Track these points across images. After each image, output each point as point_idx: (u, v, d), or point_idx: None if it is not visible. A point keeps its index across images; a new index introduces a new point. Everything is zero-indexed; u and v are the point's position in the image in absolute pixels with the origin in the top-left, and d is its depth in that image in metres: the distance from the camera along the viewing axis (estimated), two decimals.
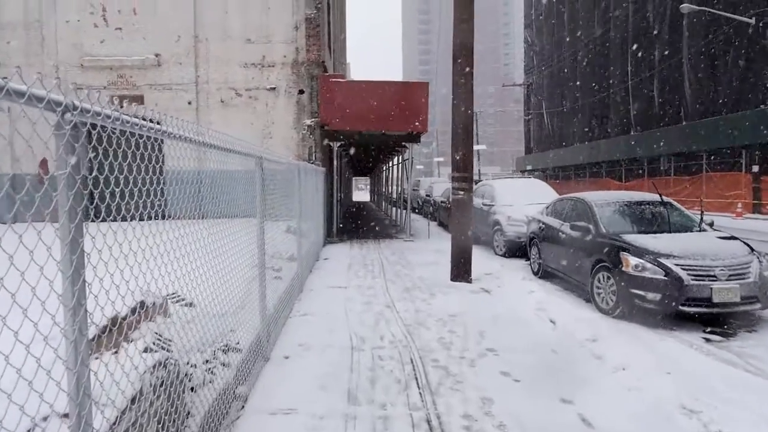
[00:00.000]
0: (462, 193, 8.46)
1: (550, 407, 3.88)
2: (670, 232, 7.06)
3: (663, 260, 6.20)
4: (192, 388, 3.37)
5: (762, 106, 20.71)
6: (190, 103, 15.49)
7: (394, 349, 5.22)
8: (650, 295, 6.14)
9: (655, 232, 7.05)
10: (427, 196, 23.87)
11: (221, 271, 3.91)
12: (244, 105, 15.63)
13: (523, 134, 61.51)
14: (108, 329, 3.03)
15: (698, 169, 24.66)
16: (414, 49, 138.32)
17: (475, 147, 52.57)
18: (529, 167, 46.58)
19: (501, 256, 11.95)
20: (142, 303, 3.73)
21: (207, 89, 15.59)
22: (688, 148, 24.48)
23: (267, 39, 15.44)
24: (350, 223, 20.39)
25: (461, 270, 8.48)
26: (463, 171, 8.46)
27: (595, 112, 35.35)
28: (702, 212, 7.46)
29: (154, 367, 2.67)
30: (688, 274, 6.02)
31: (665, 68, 27.20)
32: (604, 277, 6.85)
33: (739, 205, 20.54)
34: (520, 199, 12.44)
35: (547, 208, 9.58)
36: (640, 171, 29.77)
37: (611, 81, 32.76)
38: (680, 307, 6.02)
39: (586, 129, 36.59)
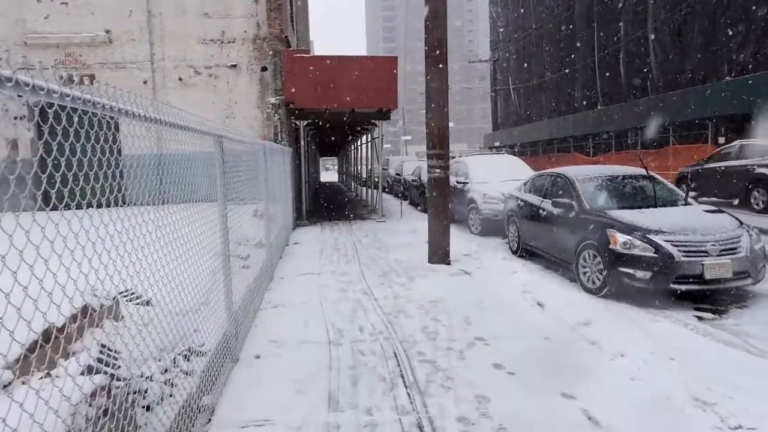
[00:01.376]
0: (438, 171, 8.05)
1: (552, 404, 3.54)
2: (655, 206, 6.80)
3: (652, 237, 5.92)
4: (147, 407, 2.89)
5: (728, 78, 20.82)
6: (145, 82, 14.63)
7: (375, 342, 4.81)
8: (640, 274, 5.87)
9: (640, 207, 6.77)
10: (397, 175, 23.44)
11: (182, 263, 3.42)
12: (203, 84, 14.84)
13: (489, 111, 61.46)
14: (39, 345, 2.52)
15: (665, 142, 24.82)
16: (378, 25, 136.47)
17: None
18: (497, 144, 46.48)
19: (477, 234, 11.65)
20: (85, 308, 3.21)
21: (164, 67, 14.74)
22: (655, 120, 24.58)
23: (226, 13, 14.64)
24: (320, 205, 19.84)
25: (439, 252, 8.11)
26: (439, 147, 8.03)
27: (562, 86, 35.28)
28: (688, 186, 7.22)
29: (92, 395, 2.19)
30: (679, 251, 5.76)
31: (631, 41, 27.16)
32: (589, 256, 6.56)
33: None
34: (494, 176, 12.12)
35: (525, 184, 9.26)
36: (608, 145, 29.89)
37: (577, 55, 32.65)
38: (671, 285, 5.78)
39: (554, 104, 36.55)
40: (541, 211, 8.04)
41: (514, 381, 3.94)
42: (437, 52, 7.75)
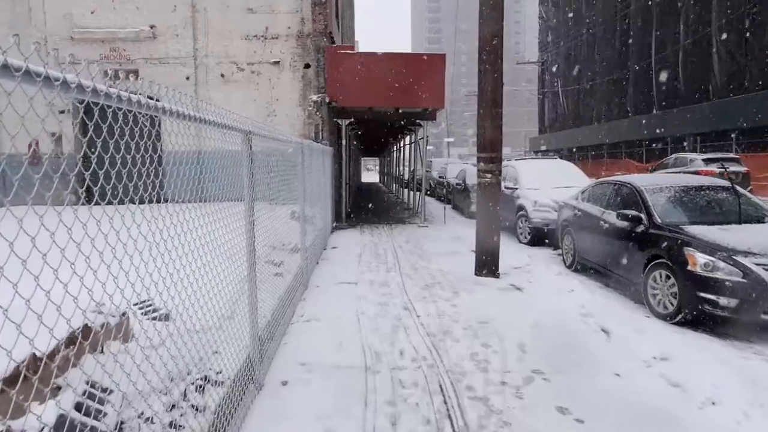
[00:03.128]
0: (489, 176, 7.40)
1: None
2: (739, 223, 5.98)
3: (740, 259, 5.13)
4: None
5: None
6: (188, 78, 14.44)
7: (418, 370, 4.22)
8: (724, 301, 5.09)
9: (721, 223, 5.96)
10: (440, 177, 22.77)
11: (209, 269, 3.01)
12: (245, 80, 14.56)
13: (534, 114, 59.92)
14: (22, 376, 2.05)
15: (728, 149, 23.34)
16: (423, 27, 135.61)
17: None
18: (543, 147, 45.16)
19: (525, 244, 10.91)
20: (86, 328, 2.74)
21: (206, 63, 14.53)
22: (716, 127, 23.14)
23: (270, 9, 14.31)
24: (360, 207, 19.36)
25: (487, 263, 7.46)
26: (491, 151, 7.38)
27: (614, 89, 33.86)
28: None
29: None
30: None
31: (691, 42, 25.71)
32: (661, 276, 5.80)
33: None
34: (546, 182, 11.35)
35: (582, 193, 8.50)
36: (662, 152, 28.42)
37: (632, 57, 31.23)
38: (762, 316, 4.98)
39: (604, 108, 35.13)
40: (602, 222, 7.28)
41: None
42: (492, 46, 7.11)
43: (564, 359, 4.44)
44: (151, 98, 2.11)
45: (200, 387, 3.12)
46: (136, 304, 4.19)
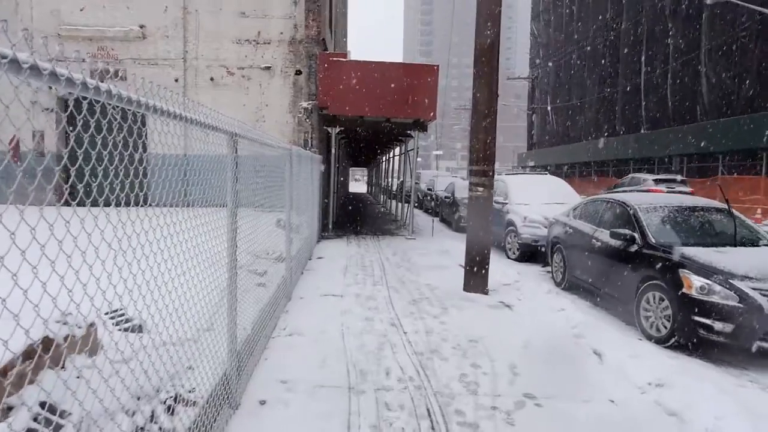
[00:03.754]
0: (481, 189, 7.25)
1: None
2: (734, 245, 5.87)
3: (737, 283, 5.01)
4: None
5: None
6: (177, 80, 14.21)
7: (405, 391, 4.01)
8: (719, 326, 4.96)
9: (715, 245, 5.85)
10: (428, 190, 22.66)
11: (189, 277, 2.83)
12: (235, 85, 14.36)
13: (522, 130, 60.27)
14: None
15: (713, 172, 23.52)
16: (415, 39, 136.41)
17: None
18: (531, 163, 45.33)
19: (514, 260, 10.77)
20: (46, 340, 2.51)
21: (196, 66, 14.31)
22: (704, 148, 23.32)
23: (263, 13, 14.15)
24: (347, 217, 19.15)
25: (477, 279, 7.28)
26: (484, 163, 7.23)
27: (604, 108, 34.12)
28: None
29: None
30: None
31: (680, 63, 25.97)
32: (654, 299, 5.66)
33: (759, 210, 19.39)
34: (536, 198, 11.24)
35: (574, 210, 8.38)
36: (650, 171, 28.58)
37: (622, 76, 31.51)
38: (759, 342, 4.85)
39: (593, 125, 35.36)
40: (594, 241, 7.15)
41: None
42: (488, 56, 6.99)
43: (556, 383, 4.26)
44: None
45: (170, 408, 2.89)
46: (107, 314, 3.95)
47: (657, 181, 19.39)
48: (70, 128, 1.80)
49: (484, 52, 7.06)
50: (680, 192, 16.96)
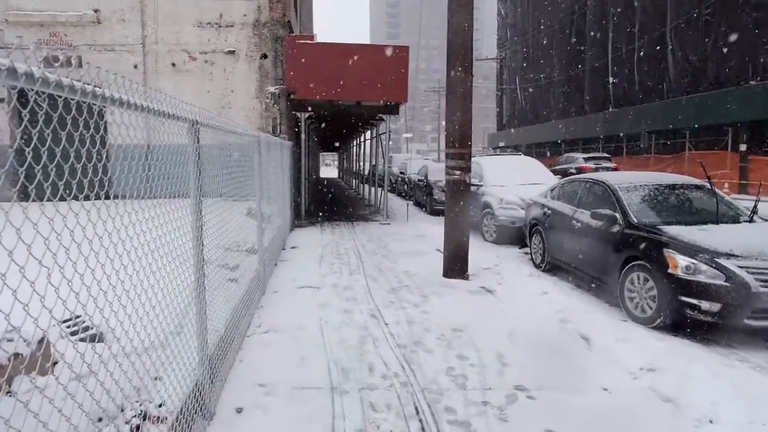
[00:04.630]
0: (458, 173, 7.04)
1: None
2: (716, 223, 5.80)
3: (722, 261, 4.92)
4: None
5: (751, 82, 19.85)
6: (136, 66, 13.59)
7: (390, 389, 3.80)
8: (706, 305, 4.87)
9: (697, 223, 5.77)
10: (401, 173, 22.44)
11: (152, 274, 2.57)
12: (198, 70, 13.82)
13: (491, 111, 60.37)
14: None
15: (681, 148, 23.86)
16: (382, 21, 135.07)
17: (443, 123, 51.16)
18: (501, 144, 45.46)
19: (491, 242, 10.65)
20: None
21: (156, 51, 13.71)
22: (671, 125, 23.61)
23: None
24: (320, 203, 18.81)
25: (457, 265, 7.11)
26: (460, 146, 7.02)
27: (572, 87, 34.28)
28: (758, 199, 6.20)
29: None
30: (756, 279, 4.77)
31: (647, 41, 26.14)
32: (639, 279, 5.56)
33: (726, 185, 19.76)
34: (511, 179, 11.13)
35: (552, 190, 8.26)
36: (618, 149, 28.89)
37: (589, 54, 31.64)
38: (746, 321, 4.78)
39: (562, 105, 35.54)
40: (574, 222, 7.04)
41: None
42: (462, 37, 6.74)
43: (547, 372, 4.11)
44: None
45: (137, 428, 2.61)
46: (64, 322, 3.62)
47: (587, 159, 22.71)
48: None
49: (457, 33, 6.80)
50: (605, 168, 20.35)
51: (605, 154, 24.49)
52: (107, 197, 2.16)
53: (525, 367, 4.19)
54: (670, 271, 5.13)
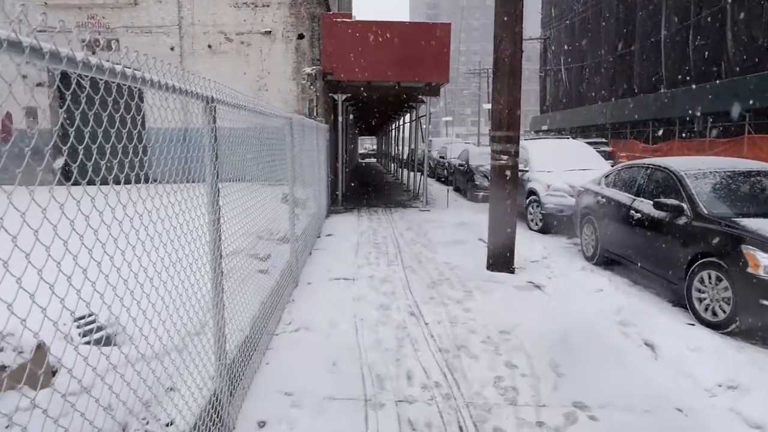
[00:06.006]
0: (505, 158, 6.50)
1: None
2: None
3: None
4: None
5: None
6: (173, 48, 13.45)
7: (431, 403, 3.38)
8: None
9: None
10: (441, 158, 21.86)
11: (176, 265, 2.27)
12: (235, 52, 13.57)
13: (534, 94, 58.61)
14: None
15: (739, 131, 22.41)
16: (421, 2, 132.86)
17: (485, 106, 49.69)
18: (544, 127, 44.05)
19: (537, 231, 10.06)
20: None
21: (192, 33, 13.52)
22: (729, 107, 22.15)
23: None
24: (357, 189, 18.46)
25: (502, 257, 6.61)
26: (507, 129, 6.47)
27: (620, 67, 32.70)
28: None
29: None
30: None
31: (703, 17, 24.55)
32: (710, 278, 4.96)
33: None
34: (559, 165, 10.46)
35: (606, 177, 7.62)
36: (670, 132, 27.43)
37: (639, 33, 30.04)
38: None
39: (609, 86, 34.00)
40: (632, 212, 6.42)
41: None
42: (512, 8, 6.16)
43: (609, 386, 3.61)
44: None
45: None
46: (76, 320, 3.33)
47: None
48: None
49: (506, 4, 6.23)
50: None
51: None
52: (146, 180, 2.11)
53: (583, 379, 3.70)
54: (749, 270, 4.51)
